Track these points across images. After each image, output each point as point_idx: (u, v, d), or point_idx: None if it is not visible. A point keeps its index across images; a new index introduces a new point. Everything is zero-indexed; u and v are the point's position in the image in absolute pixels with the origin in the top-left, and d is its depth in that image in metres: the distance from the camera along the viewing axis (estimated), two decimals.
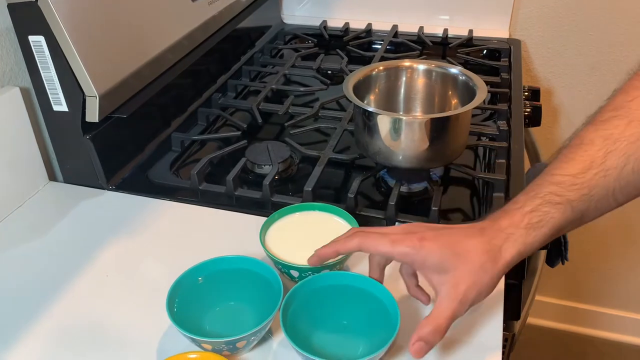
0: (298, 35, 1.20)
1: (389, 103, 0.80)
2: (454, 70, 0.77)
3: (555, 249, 0.96)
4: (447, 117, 0.68)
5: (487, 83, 0.99)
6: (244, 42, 1.15)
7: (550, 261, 0.99)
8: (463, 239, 0.50)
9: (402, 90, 0.80)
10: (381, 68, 0.78)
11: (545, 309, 1.60)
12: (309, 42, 1.17)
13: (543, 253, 0.83)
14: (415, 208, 0.74)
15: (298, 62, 1.07)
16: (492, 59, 1.09)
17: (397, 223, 0.68)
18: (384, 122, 0.68)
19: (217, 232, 0.68)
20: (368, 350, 0.51)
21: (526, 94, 1.06)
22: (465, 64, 1.06)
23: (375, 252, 0.52)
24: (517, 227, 0.49)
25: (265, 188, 0.71)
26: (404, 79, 0.79)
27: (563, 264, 0.99)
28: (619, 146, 0.49)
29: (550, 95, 1.30)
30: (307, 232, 0.61)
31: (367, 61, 1.08)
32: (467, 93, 0.74)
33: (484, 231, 0.50)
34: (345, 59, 1.07)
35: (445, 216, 0.71)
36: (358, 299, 0.53)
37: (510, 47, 1.10)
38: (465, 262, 0.48)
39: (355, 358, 0.48)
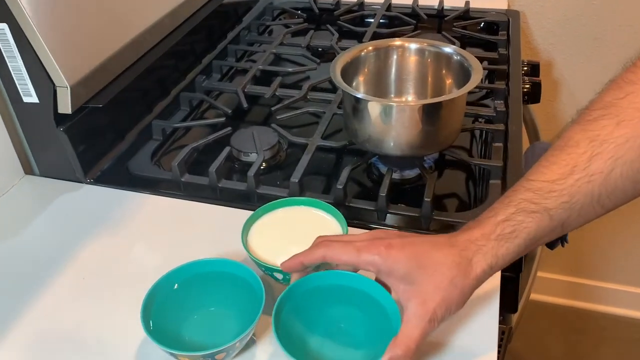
0: (287, 10, 1.15)
1: (379, 85, 0.76)
2: (448, 49, 0.72)
3: None
4: (440, 103, 0.64)
5: (484, 59, 0.95)
6: (231, 18, 1.10)
7: (550, 244, 0.96)
8: (431, 250, 0.47)
9: (393, 71, 0.76)
10: (370, 48, 0.74)
11: (545, 285, 1.58)
12: (298, 18, 1.12)
13: (539, 252, 0.80)
14: (408, 196, 0.71)
15: (287, 39, 1.02)
16: (490, 33, 1.04)
17: (388, 215, 0.65)
18: (373, 109, 0.64)
19: (199, 228, 0.65)
20: (368, 358, 0.48)
21: (525, 68, 1.02)
22: (462, 39, 1.01)
23: (340, 262, 0.48)
24: (488, 239, 0.46)
25: (250, 180, 0.68)
26: (395, 58, 0.75)
27: (563, 246, 0.96)
28: (606, 149, 0.44)
29: (550, 68, 1.25)
30: (291, 230, 0.58)
31: (359, 37, 1.03)
32: (462, 73, 0.70)
33: (455, 242, 0.47)
34: (336, 35, 1.02)
35: (440, 204, 0.68)
36: (356, 301, 0.50)
37: (508, 20, 1.05)
38: (434, 276, 0.45)
39: None
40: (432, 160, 0.74)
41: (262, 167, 0.73)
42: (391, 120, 0.64)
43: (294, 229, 0.58)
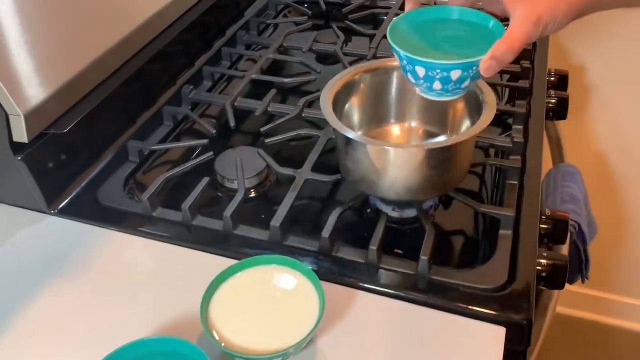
0: (291, 4, 1.05)
1: (377, 108, 0.67)
2: None
3: (575, 266, 0.85)
4: (446, 147, 0.55)
5: (504, 72, 0.85)
6: (231, 12, 1.01)
7: (570, 278, 0.87)
8: None
9: (394, 93, 0.67)
10: (365, 69, 0.64)
11: (561, 296, 1.49)
12: (302, 15, 1.02)
13: (556, 295, 0.71)
14: (407, 240, 0.63)
15: (287, 40, 0.93)
16: None
17: (379, 270, 0.57)
18: (367, 151, 0.56)
19: (165, 278, 0.57)
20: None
21: (552, 79, 0.91)
22: None
23: None
24: None
25: (227, 221, 0.60)
26: (395, 78, 0.66)
27: (583, 282, 0.88)
28: None
29: (581, 72, 1.13)
30: (259, 301, 0.50)
31: (367, 39, 0.94)
32: (475, 99, 0.61)
33: None
34: (342, 37, 0.92)
35: (440, 255, 0.59)
36: (466, 29, 0.52)
37: None
38: None
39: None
40: (435, 201, 0.66)
41: (249, 196, 0.66)
42: (387, 164, 0.56)
43: (263, 300, 0.50)
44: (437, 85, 0.50)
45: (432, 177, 0.57)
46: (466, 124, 0.63)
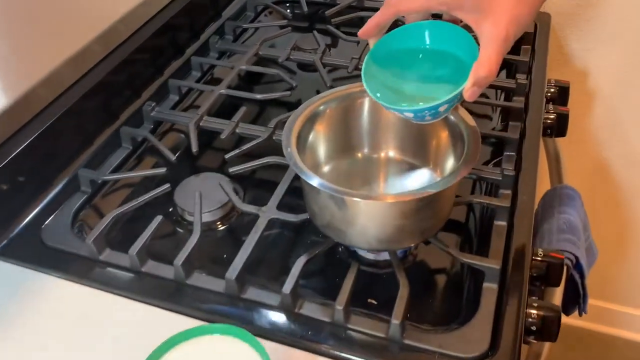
0: (270, 5, 0.97)
1: (348, 137, 0.60)
2: None
3: (572, 300, 0.78)
4: (423, 197, 0.48)
5: (498, 88, 0.78)
6: (207, 12, 0.93)
7: (565, 309, 0.81)
8: None
9: (366, 121, 0.60)
10: (332, 97, 0.57)
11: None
12: (283, 18, 0.94)
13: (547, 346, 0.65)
14: (381, 287, 0.57)
15: (264, 49, 0.85)
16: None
17: (347, 332, 0.51)
18: (333, 200, 0.49)
19: (104, 339, 0.51)
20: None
21: (551, 91, 0.84)
22: None
23: (413, 10, 0.51)
24: None
25: (178, 270, 0.54)
26: (366, 106, 0.59)
27: (580, 315, 0.81)
28: None
29: (584, 76, 1.05)
30: None
31: (352, 47, 0.86)
32: (459, 130, 0.54)
33: None
34: (322, 46, 0.85)
35: (415, 312, 0.53)
36: (433, 58, 0.53)
37: (535, 31, 0.86)
38: None
39: None
40: (407, 251, 0.59)
41: (213, 228, 0.61)
42: (356, 214, 0.49)
43: None
44: (427, 119, 0.51)
45: (408, 226, 0.50)
46: (450, 156, 0.56)
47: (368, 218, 0.49)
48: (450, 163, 0.56)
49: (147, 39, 0.81)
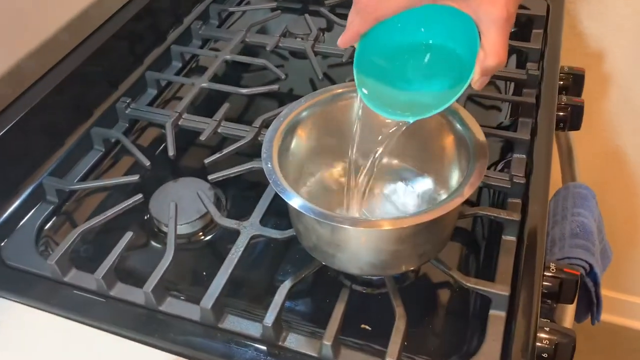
0: None
1: (336, 144, 0.53)
2: (447, 109, 0.49)
3: (585, 307, 0.73)
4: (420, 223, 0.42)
5: (507, 79, 0.71)
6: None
7: (577, 317, 0.76)
8: None
9: (356, 123, 0.53)
10: (316, 101, 0.51)
11: None
12: (271, 0, 0.87)
13: None
14: (374, 313, 0.51)
15: (250, 35, 0.78)
16: (521, 31, 0.78)
17: None
18: (319, 224, 0.43)
19: None
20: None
21: (564, 79, 0.77)
22: None
23: (395, 12, 0.44)
24: None
25: (148, 298, 0.48)
26: (355, 107, 0.52)
27: (593, 324, 0.76)
28: None
29: (598, 59, 0.98)
30: None
31: None
32: (463, 140, 0.47)
33: None
34: (315, 31, 0.78)
35: (414, 343, 0.47)
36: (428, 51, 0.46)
37: (547, 13, 0.79)
38: None
39: None
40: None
41: (193, 240, 0.55)
42: (345, 240, 0.43)
43: None
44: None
45: (403, 251, 0.44)
46: (452, 164, 0.50)
47: (359, 244, 0.43)
48: (452, 170, 0.50)
49: (123, 25, 0.74)
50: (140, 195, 0.56)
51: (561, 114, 0.71)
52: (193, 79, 0.71)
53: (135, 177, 0.59)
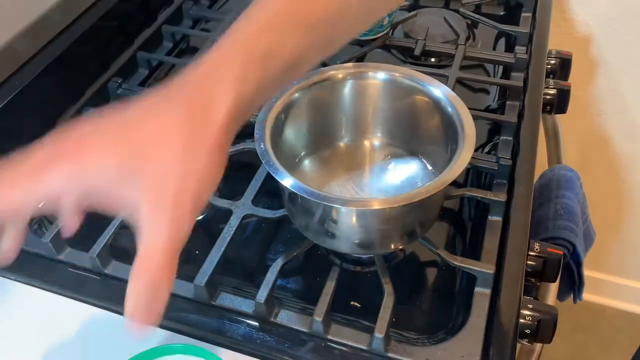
0: None
1: (329, 126, 0.54)
2: (436, 92, 0.50)
3: (567, 286, 0.75)
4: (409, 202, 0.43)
5: (495, 62, 0.72)
6: None
7: (560, 295, 0.78)
8: (142, 122, 0.32)
9: (348, 105, 0.54)
10: (309, 83, 0.51)
11: None
12: None
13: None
14: (364, 289, 0.53)
15: None
16: (510, 15, 0.79)
17: (325, 344, 0.47)
18: (310, 204, 0.44)
19: (62, 352, 0.47)
20: None
21: (552, 63, 0.78)
22: (471, 28, 0.77)
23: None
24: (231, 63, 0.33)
25: None
26: (347, 89, 0.53)
27: (575, 302, 0.78)
28: None
29: (586, 44, 0.99)
30: None
31: None
32: (452, 125, 0.49)
33: (179, 89, 0.34)
34: None
35: (400, 319, 0.49)
36: None
37: None
38: (158, 156, 0.31)
39: None
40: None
41: None
42: (337, 221, 0.44)
43: None
44: None
45: (392, 231, 0.46)
46: (440, 145, 0.51)
47: (349, 223, 0.44)
48: (440, 152, 0.51)
49: (114, 5, 0.74)
50: None
51: (548, 97, 0.73)
52: (184, 59, 0.71)
53: None
